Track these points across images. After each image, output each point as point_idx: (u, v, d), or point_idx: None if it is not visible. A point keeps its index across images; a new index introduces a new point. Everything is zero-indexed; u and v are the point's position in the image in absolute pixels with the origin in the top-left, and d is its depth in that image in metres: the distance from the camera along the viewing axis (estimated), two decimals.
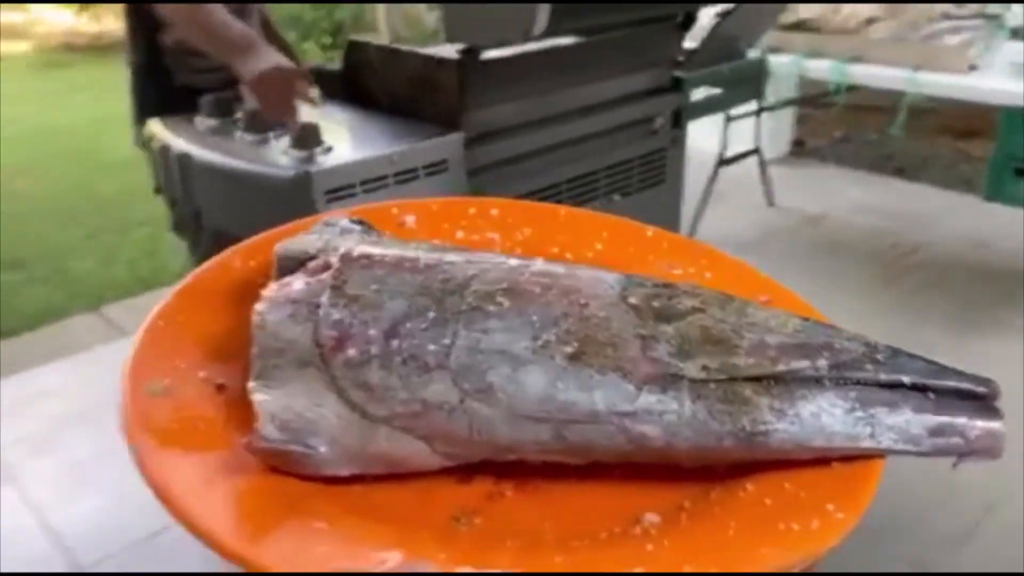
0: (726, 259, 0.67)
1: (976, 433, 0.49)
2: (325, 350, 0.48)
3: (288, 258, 0.55)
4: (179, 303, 0.56)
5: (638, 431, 0.47)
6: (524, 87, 1.65)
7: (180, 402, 0.49)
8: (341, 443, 0.47)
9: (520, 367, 0.47)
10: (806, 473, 0.47)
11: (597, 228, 0.70)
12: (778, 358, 0.49)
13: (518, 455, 0.49)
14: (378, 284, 0.50)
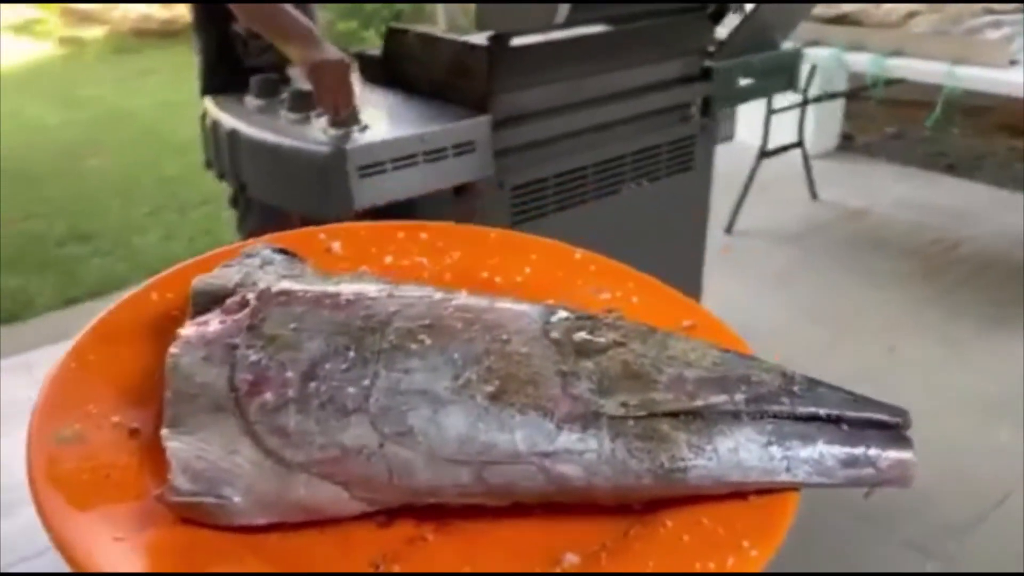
0: (653, 283, 0.67)
1: (887, 463, 0.49)
2: (240, 394, 0.47)
3: (205, 294, 0.53)
4: (91, 342, 0.54)
5: (558, 471, 0.46)
6: (552, 73, 1.72)
7: (91, 449, 0.47)
8: (256, 492, 0.45)
9: (441, 408, 0.46)
10: (724, 507, 0.47)
11: (526, 251, 0.68)
12: (696, 393, 0.49)
13: (438, 499, 0.48)
14: (296, 323, 0.49)
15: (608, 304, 0.62)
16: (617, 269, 0.68)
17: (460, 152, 1.59)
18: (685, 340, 0.53)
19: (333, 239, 0.66)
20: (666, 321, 0.58)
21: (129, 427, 0.49)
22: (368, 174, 1.48)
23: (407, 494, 0.47)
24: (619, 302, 0.63)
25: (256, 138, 1.53)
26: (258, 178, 1.57)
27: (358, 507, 0.47)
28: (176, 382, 0.47)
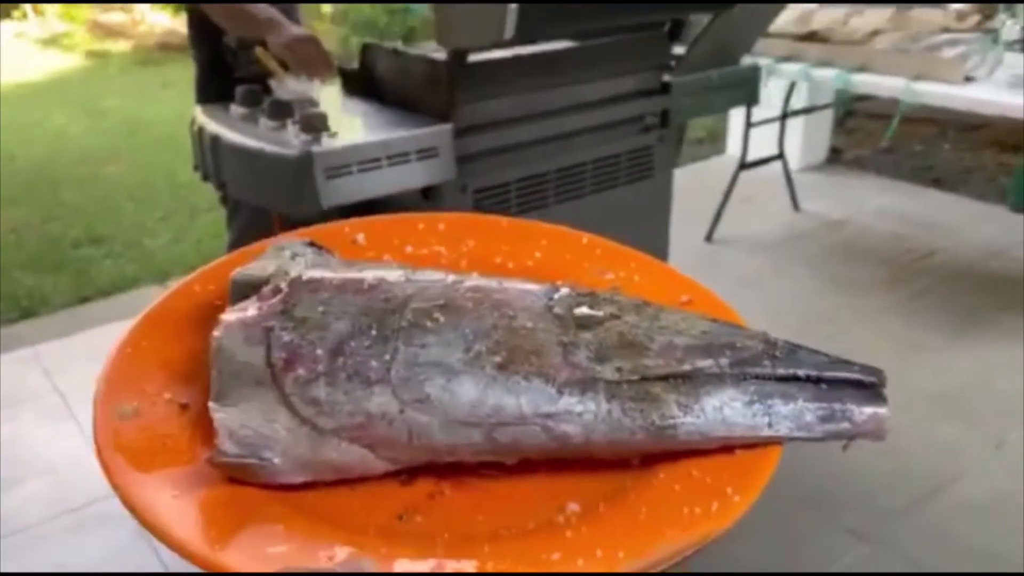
0: (654, 263, 0.71)
1: (862, 418, 0.53)
2: (277, 370, 0.51)
3: (243, 284, 0.58)
4: (144, 329, 0.59)
5: (560, 430, 0.51)
6: (511, 86, 1.87)
7: (148, 422, 0.53)
8: (293, 454, 0.50)
9: (454, 377, 0.51)
10: (712, 461, 0.51)
11: (537, 237, 0.73)
12: (684, 358, 0.52)
13: (455, 457, 0.52)
14: (324, 306, 0.54)
15: (612, 283, 0.67)
16: (621, 251, 0.72)
17: (423, 157, 1.74)
18: (676, 312, 0.57)
19: (357, 231, 0.72)
20: (666, 297, 0.63)
21: (180, 402, 0.54)
22: (334, 176, 1.63)
23: (426, 454, 0.52)
24: (623, 281, 0.68)
25: (234, 143, 1.69)
26: (236, 179, 1.73)
27: (383, 466, 0.52)
28: (220, 361, 0.52)
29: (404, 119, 1.81)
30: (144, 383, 0.55)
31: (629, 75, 2.07)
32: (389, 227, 0.73)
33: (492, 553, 0.46)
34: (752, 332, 0.56)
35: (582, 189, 2.06)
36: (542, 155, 1.96)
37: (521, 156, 1.93)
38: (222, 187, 1.77)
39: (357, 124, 1.83)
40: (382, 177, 1.70)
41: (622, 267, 0.70)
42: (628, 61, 2.06)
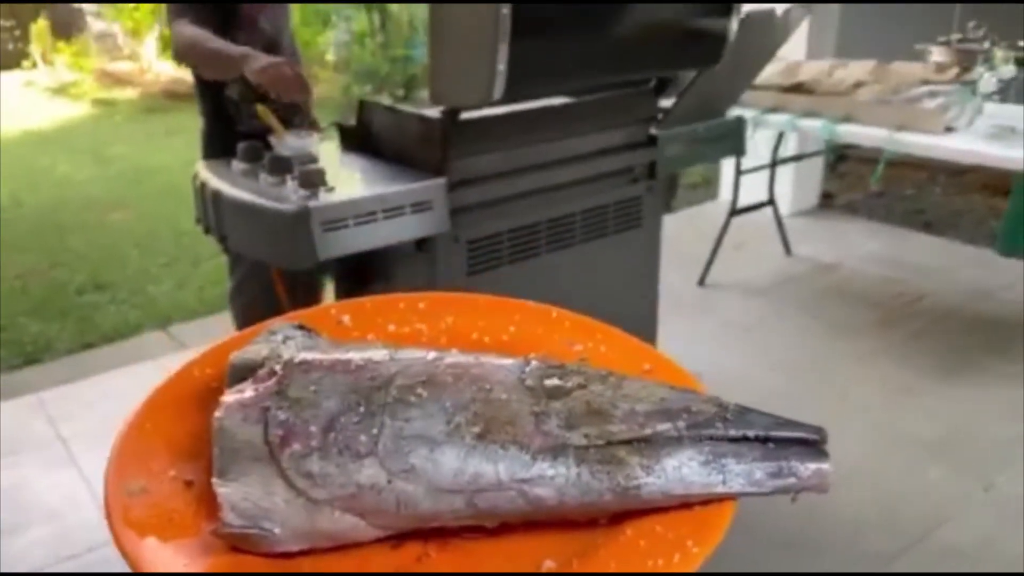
0: (618, 334, 0.75)
1: (807, 473, 0.56)
2: (274, 446, 0.55)
3: (240, 367, 0.62)
4: (148, 412, 0.64)
5: (535, 494, 0.55)
6: (503, 141, 1.94)
7: (155, 498, 0.56)
8: (291, 524, 0.54)
9: (436, 448, 0.55)
10: (673, 516, 0.55)
11: (511, 312, 0.78)
12: (645, 423, 0.57)
13: (440, 523, 0.56)
14: (316, 386, 0.58)
15: (580, 354, 0.71)
16: (588, 324, 0.77)
17: (417, 210, 1.80)
18: (637, 381, 0.61)
19: (343, 313, 0.76)
20: (629, 365, 0.67)
21: (184, 479, 0.58)
22: (331, 229, 1.69)
23: (413, 520, 0.56)
24: (590, 352, 0.72)
25: (235, 198, 1.76)
26: (236, 233, 1.79)
27: (373, 533, 0.56)
28: (222, 440, 0.56)
29: (399, 173, 1.88)
30: (150, 462, 0.59)
31: (617, 129, 2.15)
32: (373, 308, 0.78)
33: None
34: (706, 397, 0.60)
35: (572, 239, 2.12)
36: (533, 206, 2.03)
37: (513, 208, 1.99)
38: (223, 240, 1.84)
39: (354, 178, 1.90)
40: (377, 230, 1.76)
41: (589, 339, 0.75)
42: (616, 116, 2.14)
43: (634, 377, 0.63)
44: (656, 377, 0.66)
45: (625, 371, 0.64)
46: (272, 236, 1.74)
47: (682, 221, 4.13)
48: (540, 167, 2.02)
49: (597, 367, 0.64)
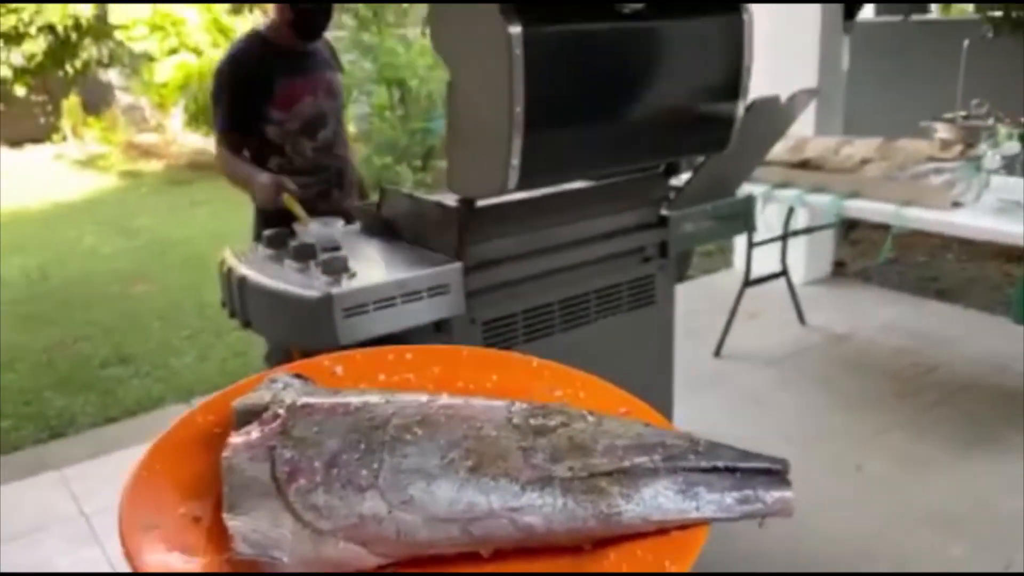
0: (596, 382, 0.79)
1: (773, 500, 0.61)
2: (281, 482, 0.59)
3: (244, 412, 0.65)
4: (156, 454, 0.67)
5: (525, 521, 0.59)
6: (517, 226, 2.01)
7: (167, 533, 0.60)
8: (298, 553, 0.58)
9: (433, 481, 0.59)
10: (651, 541, 0.60)
11: (493, 363, 0.82)
12: (624, 456, 0.61)
13: (437, 551, 0.59)
14: (318, 427, 0.62)
15: (560, 399, 0.75)
16: (567, 372, 0.81)
17: (435, 294, 1.86)
18: (615, 419, 0.67)
19: (336, 364, 0.80)
20: (606, 409, 0.71)
21: (193, 516, 0.62)
22: (352, 314, 1.75)
23: (412, 547, 0.59)
24: (569, 397, 0.76)
25: (260, 283, 1.83)
26: (261, 318, 1.86)
27: (376, 561, 0.59)
28: (231, 477, 0.60)
29: (418, 258, 1.94)
30: (160, 501, 0.62)
31: (629, 211, 2.21)
32: (363, 359, 0.82)
33: None
34: (678, 433, 0.65)
35: (586, 317, 2.17)
36: (547, 287, 2.08)
37: (527, 289, 2.05)
38: (247, 325, 1.90)
39: (375, 263, 1.96)
40: (397, 314, 1.82)
41: (568, 385, 0.79)
42: (627, 198, 2.21)
43: (612, 416, 0.68)
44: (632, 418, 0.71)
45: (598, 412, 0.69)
46: (295, 321, 1.80)
47: (697, 291, 4.17)
48: (554, 249, 2.08)
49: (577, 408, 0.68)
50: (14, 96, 9.99)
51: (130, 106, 10.92)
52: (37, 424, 3.39)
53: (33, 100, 10.46)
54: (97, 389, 3.69)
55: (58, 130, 10.41)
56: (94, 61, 10.18)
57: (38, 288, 5.22)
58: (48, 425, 3.38)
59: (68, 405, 3.54)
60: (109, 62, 10.38)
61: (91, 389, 3.70)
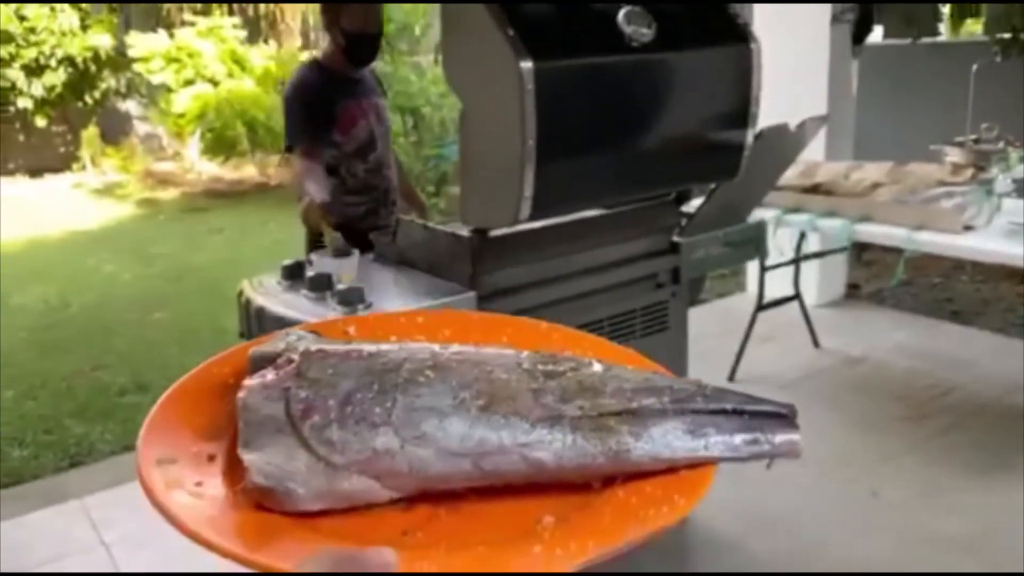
0: (604, 343, 0.81)
1: (780, 441, 0.62)
2: (295, 419, 0.61)
3: (259, 358, 0.67)
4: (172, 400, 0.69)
5: (535, 457, 0.60)
6: (530, 254, 2.04)
7: (182, 468, 0.62)
8: (312, 486, 0.59)
9: (445, 418, 0.60)
10: (660, 478, 0.61)
11: (502, 326, 0.84)
12: (633, 398, 0.63)
13: (448, 485, 0.61)
14: (332, 369, 0.63)
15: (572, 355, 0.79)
16: (576, 335, 0.83)
17: None
18: (623, 367, 0.68)
19: (349, 325, 0.82)
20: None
21: (207, 454, 0.64)
22: None
23: (424, 482, 0.61)
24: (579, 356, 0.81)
25: (278, 314, 1.86)
26: None
27: (387, 495, 0.61)
28: (246, 415, 0.62)
29: (433, 287, 1.97)
30: (175, 440, 0.64)
31: (641, 238, 2.24)
32: (375, 321, 0.85)
33: (484, 553, 0.56)
34: (686, 379, 0.66)
35: None
36: (561, 315, 2.09)
37: (540, 316, 2.06)
38: None
39: (389, 293, 1.99)
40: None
41: (577, 347, 0.80)
42: (639, 226, 2.23)
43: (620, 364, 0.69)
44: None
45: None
46: None
47: (711, 314, 4.18)
48: (567, 277, 2.11)
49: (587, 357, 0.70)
50: (35, 127, 10.16)
51: (148, 135, 11.08)
52: (57, 452, 3.43)
53: (53, 131, 10.63)
54: (116, 417, 3.73)
55: (78, 159, 10.56)
56: (112, 92, 10.36)
57: (58, 316, 5.28)
58: (68, 454, 3.42)
59: (87, 433, 3.58)
60: (127, 92, 10.55)
61: (110, 417, 3.73)
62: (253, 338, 1.87)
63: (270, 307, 1.90)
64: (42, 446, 3.49)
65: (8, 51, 9.47)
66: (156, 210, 8.58)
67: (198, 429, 0.67)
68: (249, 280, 2.06)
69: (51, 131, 10.57)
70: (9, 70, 9.54)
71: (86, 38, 9.80)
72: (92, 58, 9.84)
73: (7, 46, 9.46)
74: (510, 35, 1.62)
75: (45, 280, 6.04)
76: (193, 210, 8.41)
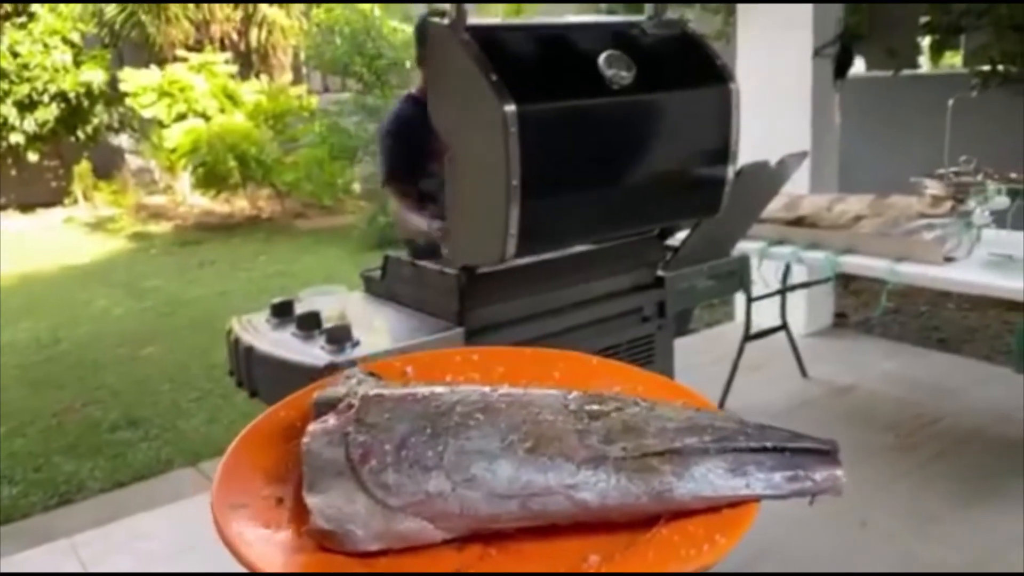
0: (656, 378, 0.85)
1: (822, 477, 0.65)
2: (355, 463, 0.65)
3: (323, 403, 0.73)
4: (244, 444, 0.75)
5: (580, 497, 0.63)
6: (516, 291, 2.06)
7: (253, 512, 0.67)
8: (370, 527, 0.63)
9: (494, 460, 0.64)
10: (703, 517, 0.63)
11: (555, 362, 0.88)
12: (675, 438, 0.65)
13: (498, 525, 0.64)
14: (389, 414, 0.68)
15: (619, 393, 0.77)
16: (626, 369, 0.87)
17: None
18: (667, 405, 0.70)
19: (406, 365, 0.88)
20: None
21: (276, 497, 0.69)
22: None
23: (474, 522, 0.64)
24: (628, 391, 0.79)
25: (266, 353, 1.88)
26: (266, 386, 1.90)
27: (441, 535, 0.65)
28: (309, 460, 0.67)
29: (421, 323, 1.99)
30: (247, 484, 0.69)
31: (626, 273, 2.26)
32: (431, 360, 0.90)
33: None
34: (728, 416, 0.69)
35: None
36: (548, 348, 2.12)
37: None
38: (255, 394, 1.95)
39: (378, 331, 2.01)
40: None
41: (628, 382, 0.83)
42: (624, 261, 2.26)
43: (664, 401, 0.72)
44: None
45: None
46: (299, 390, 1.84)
47: (699, 344, 4.21)
48: (554, 312, 2.13)
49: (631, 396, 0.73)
50: (27, 161, 10.20)
51: (140, 169, 11.13)
52: (46, 490, 3.41)
53: (46, 165, 10.68)
54: (106, 453, 3.72)
55: (70, 194, 10.59)
56: (105, 127, 10.42)
57: (48, 352, 5.28)
58: (57, 491, 3.40)
59: (77, 470, 3.57)
60: (120, 127, 10.61)
61: (100, 453, 3.72)
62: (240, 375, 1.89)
63: (259, 346, 1.91)
64: (31, 484, 3.48)
65: (1, 88, 9.53)
66: (148, 244, 8.60)
67: (268, 472, 0.72)
68: (238, 318, 2.07)
69: (43, 166, 10.63)
70: (2, 106, 9.59)
71: (79, 74, 9.87)
72: (85, 93, 9.91)
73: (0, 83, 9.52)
74: (493, 80, 1.66)
75: (36, 315, 6.04)
76: (185, 243, 8.43)
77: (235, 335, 2.00)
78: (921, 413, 3.39)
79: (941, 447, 3.13)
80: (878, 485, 2.88)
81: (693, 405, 0.76)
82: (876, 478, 2.93)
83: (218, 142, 9.09)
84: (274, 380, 1.90)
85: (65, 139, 10.29)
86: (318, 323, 1.95)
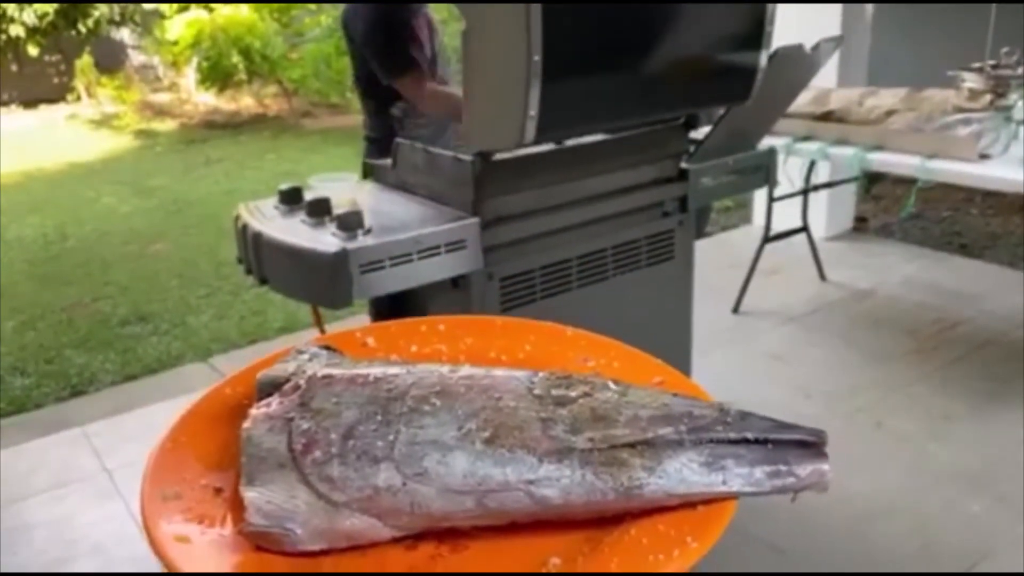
0: (630, 351, 0.78)
1: (806, 472, 0.58)
2: (297, 454, 0.59)
3: (267, 383, 0.67)
4: (183, 426, 0.68)
5: (541, 494, 0.58)
6: (534, 180, 1.97)
7: (188, 503, 0.61)
8: (312, 525, 0.57)
9: (448, 452, 0.58)
10: (675, 515, 0.58)
11: (526, 333, 0.82)
12: (648, 427, 0.59)
13: (451, 523, 0.59)
14: (337, 398, 0.62)
15: (593, 369, 0.73)
16: (601, 341, 0.81)
17: (452, 249, 1.84)
18: (642, 389, 0.65)
19: (367, 336, 0.81)
20: (640, 379, 0.70)
21: (214, 487, 0.63)
22: (368, 271, 1.73)
23: (426, 520, 0.59)
24: (603, 367, 0.75)
25: (276, 239, 1.81)
26: (276, 274, 1.84)
27: (389, 533, 0.59)
28: (249, 449, 0.61)
29: (434, 213, 1.91)
30: (184, 471, 0.63)
31: (648, 164, 2.17)
32: (396, 330, 0.82)
33: None
34: (708, 403, 0.63)
35: (605, 273, 2.14)
36: (565, 243, 2.05)
37: (545, 244, 2.02)
38: (264, 281, 1.89)
39: (390, 219, 1.93)
40: (413, 270, 1.80)
41: (603, 355, 0.78)
42: (646, 152, 2.16)
43: (639, 386, 0.66)
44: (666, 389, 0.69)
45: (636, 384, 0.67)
46: (311, 277, 1.78)
47: (716, 247, 4.13)
48: (572, 204, 2.05)
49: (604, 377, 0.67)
50: (28, 56, 9.95)
51: (143, 65, 10.87)
52: (58, 382, 3.42)
53: (47, 60, 10.43)
54: (116, 347, 3.72)
55: (72, 90, 10.37)
56: (106, 20, 10.11)
57: (56, 248, 5.24)
58: (69, 383, 3.41)
59: (88, 363, 3.57)
60: (121, 20, 10.30)
61: (111, 347, 3.72)
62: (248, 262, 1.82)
63: (268, 232, 1.84)
64: (43, 375, 3.48)
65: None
66: (153, 142, 8.45)
67: (208, 458, 0.65)
68: (246, 205, 2.00)
69: (45, 61, 10.37)
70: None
71: None
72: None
73: None
74: None
75: (43, 212, 5.98)
76: (191, 141, 8.28)
77: (243, 221, 1.93)
78: (941, 318, 3.33)
79: (959, 352, 3.08)
80: (894, 388, 2.84)
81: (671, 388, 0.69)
82: (893, 381, 2.89)
83: (221, 35, 8.81)
84: (284, 267, 1.84)
85: (66, 32, 10.00)
86: (328, 209, 1.87)
